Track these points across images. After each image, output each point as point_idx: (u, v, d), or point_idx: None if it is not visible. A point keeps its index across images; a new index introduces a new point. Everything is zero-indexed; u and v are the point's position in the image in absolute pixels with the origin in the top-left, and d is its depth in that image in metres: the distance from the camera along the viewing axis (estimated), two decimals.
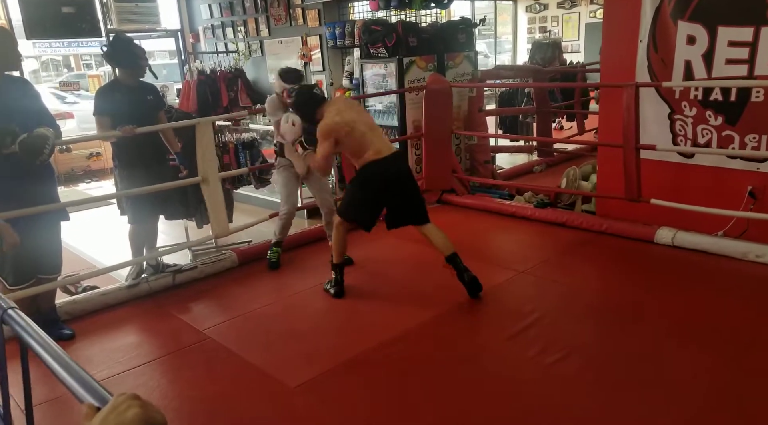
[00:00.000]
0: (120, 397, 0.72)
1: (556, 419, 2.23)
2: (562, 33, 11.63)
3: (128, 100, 3.46)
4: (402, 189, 3.25)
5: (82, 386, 0.85)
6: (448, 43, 5.51)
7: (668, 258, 3.76)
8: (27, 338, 1.08)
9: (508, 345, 2.79)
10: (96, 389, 0.83)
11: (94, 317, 3.40)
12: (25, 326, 1.12)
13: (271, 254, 3.96)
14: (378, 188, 3.22)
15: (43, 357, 1.01)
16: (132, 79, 3.56)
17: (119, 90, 3.50)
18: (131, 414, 0.69)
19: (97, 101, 3.48)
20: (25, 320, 1.14)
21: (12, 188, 2.84)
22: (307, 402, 2.46)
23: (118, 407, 0.70)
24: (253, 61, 7.25)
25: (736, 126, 3.63)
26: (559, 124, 8.97)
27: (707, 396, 2.32)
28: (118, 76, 3.61)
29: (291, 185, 3.89)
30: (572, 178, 4.89)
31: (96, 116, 3.44)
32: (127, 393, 0.72)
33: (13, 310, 1.19)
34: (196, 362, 2.90)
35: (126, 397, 0.72)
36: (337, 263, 3.45)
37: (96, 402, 0.80)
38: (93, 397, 0.82)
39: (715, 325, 2.86)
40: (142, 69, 3.55)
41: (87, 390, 0.83)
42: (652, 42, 3.90)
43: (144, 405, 0.70)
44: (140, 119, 3.42)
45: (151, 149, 3.60)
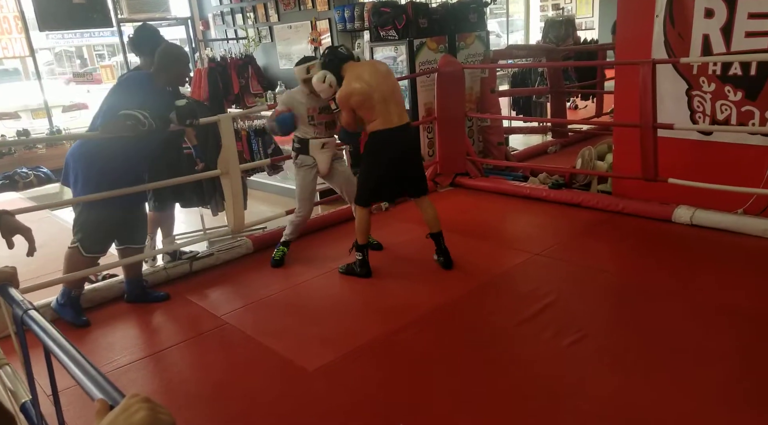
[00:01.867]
0: (131, 399, 0.73)
1: (573, 402, 2.23)
2: (575, 10, 11.38)
3: (148, 93, 3.50)
4: (404, 158, 3.32)
5: (96, 386, 0.89)
6: (459, 23, 5.44)
7: (687, 237, 3.71)
8: (46, 339, 1.12)
9: (523, 328, 2.79)
10: (109, 390, 0.86)
11: (115, 304, 3.46)
12: (44, 326, 1.17)
13: (276, 252, 3.84)
14: (386, 159, 3.27)
15: (59, 357, 1.05)
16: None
17: (146, 77, 3.51)
18: (139, 417, 0.70)
19: (124, 86, 3.48)
20: (43, 321, 1.19)
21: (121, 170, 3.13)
22: (326, 385, 2.49)
23: (128, 409, 0.71)
24: (263, 47, 7.23)
25: (756, 101, 3.54)
26: (574, 103, 8.83)
27: (726, 378, 2.30)
28: (140, 65, 3.66)
29: (311, 187, 3.71)
30: (587, 158, 4.82)
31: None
32: (138, 395, 0.74)
33: (33, 311, 1.23)
34: (215, 347, 2.94)
35: (137, 400, 0.73)
36: (362, 244, 3.45)
37: (109, 401, 0.83)
38: (107, 398, 0.85)
39: (735, 305, 2.82)
40: None
41: (101, 391, 0.87)
42: (668, 16, 3.81)
43: (153, 408, 0.71)
44: (159, 109, 3.44)
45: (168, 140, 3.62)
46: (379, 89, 3.19)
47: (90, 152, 3.12)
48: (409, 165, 3.37)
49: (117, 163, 3.09)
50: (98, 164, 3.09)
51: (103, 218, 3.18)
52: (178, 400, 2.44)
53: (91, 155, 3.11)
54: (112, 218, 3.21)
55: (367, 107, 3.20)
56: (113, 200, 3.13)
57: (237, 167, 3.70)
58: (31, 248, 2.40)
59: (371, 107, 3.19)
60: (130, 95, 3.00)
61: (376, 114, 3.20)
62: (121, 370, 2.73)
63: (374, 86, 3.18)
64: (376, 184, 3.36)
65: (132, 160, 3.16)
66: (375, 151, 3.30)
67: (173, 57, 3.13)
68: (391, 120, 3.22)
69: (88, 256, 3.19)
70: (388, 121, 3.21)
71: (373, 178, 3.35)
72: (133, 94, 3.01)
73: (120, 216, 3.23)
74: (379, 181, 3.35)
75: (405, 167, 3.36)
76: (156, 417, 0.70)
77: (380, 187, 3.39)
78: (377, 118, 3.21)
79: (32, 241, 2.39)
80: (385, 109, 3.21)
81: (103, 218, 3.18)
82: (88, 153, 3.12)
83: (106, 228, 3.23)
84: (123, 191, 3.14)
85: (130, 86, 3.11)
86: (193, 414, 2.37)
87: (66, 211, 5.70)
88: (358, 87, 3.16)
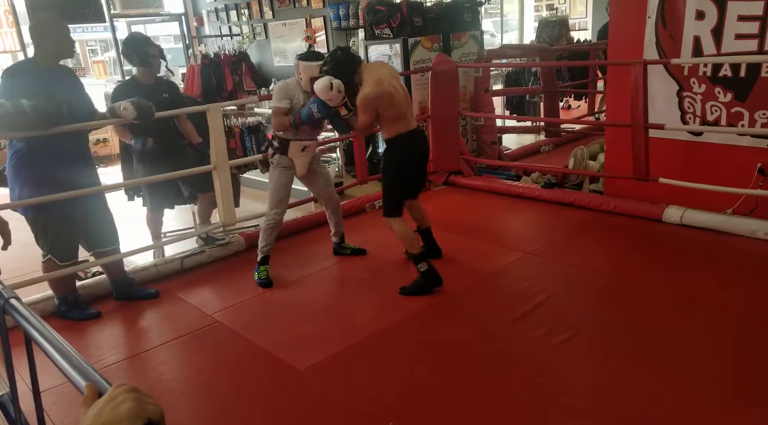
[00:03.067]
0: (117, 389, 0.71)
1: (564, 399, 2.24)
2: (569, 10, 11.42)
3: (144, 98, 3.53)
4: (423, 160, 3.31)
5: (81, 375, 0.85)
6: (453, 22, 5.44)
7: (677, 237, 3.74)
8: (28, 327, 1.09)
9: (515, 326, 2.80)
10: (95, 379, 0.82)
11: (104, 302, 3.44)
12: (27, 315, 1.13)
13: (259, 273, 3.51)
14: (414, 164, 3.24)
15: (43, 347, 1.01)
16: (148, 77, 3.71)
17: (136, 88, 3.62)
18: (125, 407, 0.68)
19: (114, 97, 3.61)
20: (26, 309, 1.15)
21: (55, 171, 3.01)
22: (318, 383, 2.49)
23: (114, 399, 0.69)
24: (257, 44, 7.21)
25: (746, 102, 3.57)
26: (567, 103, 8.87)
27: (715, 376, 2.32)
28: (135, 74, 3.75)
29: (286, 188, 3.51)
30: (580, 158, 4.84)
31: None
32: (125, 385, 0.71)
33: (14, 300, 1.19)
34: (205, 345, 2.93)
35: (123, 389, 0.71)
36: (418, 254, 3.17)
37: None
38: None
39: (724, 305, 2.85)
40: (154, 67, 3.69)
41: (85, 379, 0.83)
42: (660, 18, 3.83)
43: (139, 398, 0.69)
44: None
45: (168, 143, 3.72)
46: (398, 88, 3.11)
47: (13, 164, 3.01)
48: (424, 167, 3.37)
49: (41, 164, 2.96)
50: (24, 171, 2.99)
51: (59, 221, 3.07)
52: (168, 399, 2.43)
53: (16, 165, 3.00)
54: (69, 221, 3.10)
55: (392, 109, 3.06)
56: (62, 204, 3.00)
57: (226, 160, 3.67)
58: (6, 241, 2.39)
59: (395, 110, 3.07)
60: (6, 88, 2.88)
61: (399, 117, 3.10)
62: (109, 368, 2.72)
63: (396, 88, 3.09)
64: (403, 190, 3.26)
65: (56, 157, 3.00)
66: (401, 155, 3.18)
67: (47, 27, 2.99)
68: (410, 122, 3.16)
69: (64, 264, 3.13)
70: (409, 123, 3.15)
71: (403, 183, 3.25)
72: (8, 85, 2.88)
73: (75, 219, 3.12)
74: (406, 186, 3.28)
75: (422, 168, 3.35)
76: (143, 407, 0.69)
77: (405, 192, 3.30)
78: (400, 120, 3.11)
79: (7, 234, 2.37)
80: (406, 111, 3.14)
81: (59, 221, 3.07)
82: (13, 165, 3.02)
83: (67, 232, 3.13)
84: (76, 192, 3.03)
85: (7, 78, 2.93)
86: (182, 412, 2.36)
87: None
88: (386, 89, 3.02)
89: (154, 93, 3.62)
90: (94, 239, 3.29)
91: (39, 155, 2.97)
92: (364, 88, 3.01)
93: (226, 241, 4.06)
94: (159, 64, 3.75)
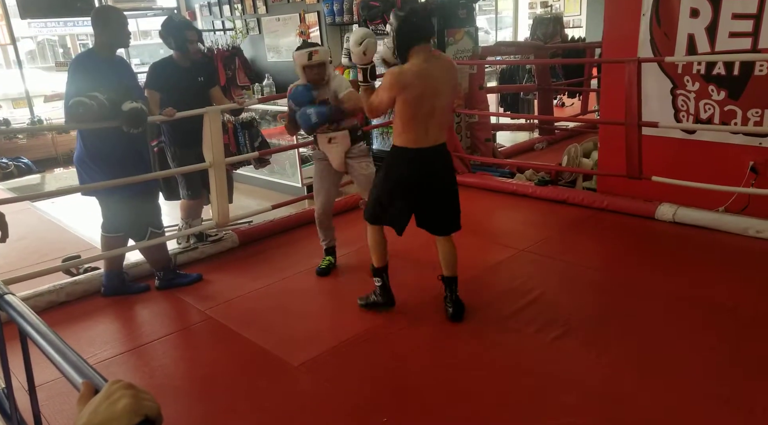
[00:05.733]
0: (114, 385, 0.70)
1: (557, 395, 2.25)
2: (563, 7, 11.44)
3: (178, 81, 3.57)
4: (427, 190, 2.72)
5: (76, 371, 0.84)
6: (448, 18, 5.43)
7: (669, 235, 3.76)
8: (24, 324, 1.08)
9: (509, 323, 2.80)
10: (91, 375, 0.81)
11: (97, 298, 3.41)
12: (23, 312, 1.12)
13: (322, 261, 3.55)
14: (411, 190, 2.71)
15: (38, 342, 1.00)
16: (185, 60, 3.65)
17: (171, 69, 3.61)
18: (122, 404, 0.67)
19: (149, 75, 3.61)
20: (23, 305, 1.14)
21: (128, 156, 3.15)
22: (311, 380, 2.48)
23: (110, 396, 0.68)
24: (251, 39, 7.16)
25: (739, 101, 3.59)
26: (560, 101, 8.89)
27: (706, 372, 2.33)
28: (173, 55, 3.68)
29: (322, 180, 3.36)
30: (573, 155, 4.86)
31: (147, 90, 3.53)
32: (121, 382, 0.70)
33: (9, 296, 1.18)
34: (199, 341, 2.92)
35: (119, 386, 0.70)
36: (378, 267, 2.93)
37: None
38: None
39: (716, 302, 2.87)
40: (191, 52, 3.63)
41: (81, 376, 0.82)
42: (655, 15, 3.84)
43: (136, 395, 0.68)
44: (190, 100, 3.52)
45: (200, 130, 3.63)
46: (431, 96, 2.54)
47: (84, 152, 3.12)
48: (432, 197, 2.73)
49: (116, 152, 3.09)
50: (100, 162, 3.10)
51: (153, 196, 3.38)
52: (161, 395, 2.41)
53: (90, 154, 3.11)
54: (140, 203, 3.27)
55: (412, 109, 2.55)
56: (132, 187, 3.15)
57: (222, 159, 3.65)
58: (3, 234, 2.36)
59: (414, 112, 2.55)
60: (77, 81, 2.97)
61: (415, 125, 2.59)
62: (102, 364, 2.70)
63: (432, 92, 2.54)
64: (383, 204, 2.79)
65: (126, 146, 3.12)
66: (393, 166, 2.73)
67: (104, 17, 3.05)
68: (420, 139, 2.61)
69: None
70: (417, 139, 2.61)
71: (384, 195, 2.77)
72: (80, 79, 2.97)
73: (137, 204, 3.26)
74: (388, 202, 2.77)
75: (426, 198, 2.73)
76: (140, 404, 0.68)
77: (387, 209, 2.78)
78: (410, 131, 2.60)
79: (5, 227, 2.34)
80: (425, 123, 2.58)
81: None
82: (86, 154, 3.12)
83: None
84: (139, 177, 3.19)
85: (76, 71, 3.02)
86: (176, 408, 2.35)
87: (46, 203, 5.61)
88: (417, 82, 2.50)
89: (190, 77, 3.65)
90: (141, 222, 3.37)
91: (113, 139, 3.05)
92: (402, 65, 2.56)
93: (219, 237, 4.04)
94: (197, 49, 3.70)
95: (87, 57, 3.14)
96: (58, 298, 3.33)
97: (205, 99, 3.71)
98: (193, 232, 3.91)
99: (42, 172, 7.43)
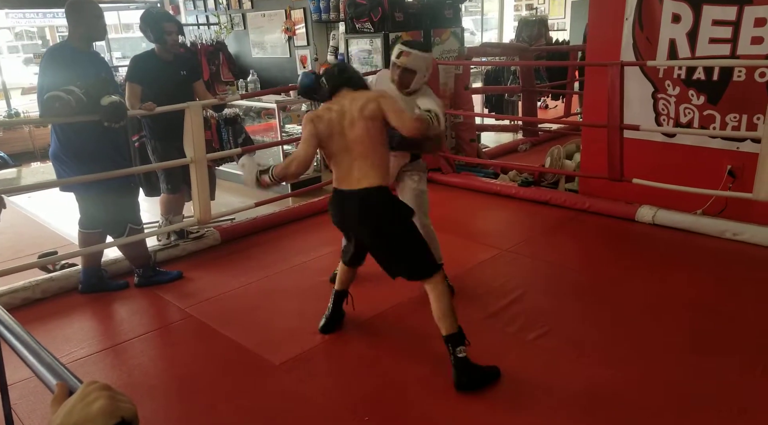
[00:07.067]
0: (89, 386, 0.68)
1: (537, 394, 2.26)
2: (548, 10, 11.55)
3: (160, 75, 3.52)
4: (358, 235, 2.48)
5: (50, 371, 0.82)
6: (434, 18, 5.44)
7: (649, 236, 3.81)
8: None
9: (490, 322, 2.82)
10: (66, 376, 0.79)
11: (73, 295, 3.35)
12: None
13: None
14: (337, 224, 2.52)
15: (9, 341, 0.97)
16: (166, 53, 3.60)
17: (153, 63, 3.56)
18: (98, 405, 0.65)
19: (130, 68, 3.55)
20: None
21: (104, 151, 3.09)
22: (292, 379, 2.47)
23: (86, 397, 0.67)
24: (235, 34, 7.09)
25: (718, 105, 3.66)
26: (544, 103, 8.96)
27: (684, 372, 2.37)
28: (155, 48, 3.62)
29: None
30: (556, 157, 4.90)
31: (128, 82, 3.48)
32: (97, 383, 0.69)
33: None
34: (179, 340, 2.88)
35: (95, 387, 0.68)
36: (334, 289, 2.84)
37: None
38: None
39: (694, 302, 2.91)
40: (169, 44, 3.56)
41: (55, 376, 0.80)
42: (637, 20, 3.89)
43: (113, 396, 0.67)
44: (172, 94, 3.47)
45: (181, 124, 3.57)
46: (339, 128, 2.30)
47: (59, 147, 3.06)
48: (366, 242, 2.44)
49: (92, 147, 3.04)
50: (76, 157, 3.04)
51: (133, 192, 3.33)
52: (139, 393, 2.38)
53: (65, 149, 3.04)
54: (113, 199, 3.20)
55: (330, 150, 2.34)
56: (110, 182, 3.10)
57: (203, 155, 3.60)
58: None
59: (328, 151, 2.36)
60: (53, 74, 2.90)
61: (333, 163, 2.37)
62: (78, 363, 2.65)
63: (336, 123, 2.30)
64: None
65: (102, 140, 3.06)
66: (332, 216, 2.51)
67: (77, 8, 2.99)
68: (343, 179, 2.34)
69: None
70: (341, 179, 2.35)
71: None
72: (54, 71, 2.90)
73: (115, 199, 3.21)
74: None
75: (360, 241, 2.51)
76: (116, 406, 0.66)
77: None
78: (334, 169, 2.38)
79: None
80: (348, 161, 2.31)
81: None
82: (60, 149, 3.06)
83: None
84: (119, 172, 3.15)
85: (50, 64, 2.94)
86: (154, 408, 2.32)
87: (22, 198, 5.49)
88: (325, 114, 2.32)
89: (172, 70, 3.59)
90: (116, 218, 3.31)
91: (89, 134, 3.00)
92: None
93: (200, 234, 3.99)
94: (176, 41, 3.62)
95: (61, 49, 3.06)
96: (34, 295, 3.26)
97: (187, 93, 3.66)
98: (173, 229, 3.87)
99: (18, 166, 7.28)
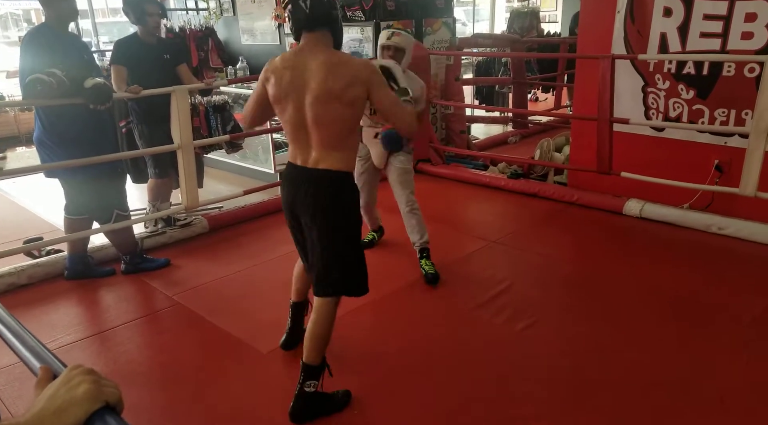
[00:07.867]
0: (73, 371, 0.67)
1: (524, 385, 2.28)
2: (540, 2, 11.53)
3: (143, 58, 3.49)
4: (298, 220, 2.09)
5: (34, 355, 0.80)
6: (426, 8, 5.41)
7: (636, 229, 3.84)
8: None
9: (478, 312, 2.83)
10: (49, 360, 0.78)
11: (59, 281, 3.31)
12: None
13: (366, 235, 3.58)
14: (288, 216, 2.15)
15: None
16: (149, 36, 3.57)
17: (137, 46, 3.53)
18: (82, 390, 0.65)
19: (114, 52, 3.52)
20: None
21: (89, 135, 3.04)
22: (280, 368, 2.46)
23: (70, 381, 0.66)
24: (225, 20, 6.99)
25: (707, 100, 3.68)
26: (535, 95, 8.97)
27: (671, 363, 2.40)
28: (138, 31, 3.59)
29: (360, 179, 3.19)
30: (546, 149, 4.92)
31: (113, 66, 3.45)
32: (81, 367, 0.68)
33: None
34: (166, 327, 2.87)
35: (79, 371, 0.67)
36: (294, 301, 2.55)
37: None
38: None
39: (679, 295, 2.95)
40: (150, 25, 3.53)
41: (39, 360, 0.78)
42: (629, 13, 3.89)
43: (97, 381, 0.66)
44: (156, 77, 3.44)
45: (167, 107, 3.52)
46: (297, 98, 1.92)
47: (43, 132, 3.01)
48: (305, 230, 2.08)
49: (76, 131, 3.00)
50: (61, 142, 3.00)
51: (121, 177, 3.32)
52: (124, 381, 2.36)
53: (48, 133, 3.00)
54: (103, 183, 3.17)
55: (278, 111, 2.01)
56: (96, 168, 3.07)
57: (190, 141, 3.56)
58: None
59: (283, 118, 2.00)
60: (34, 56, 2.86)
61: (288, 133, 2.02)
62: (63, 349, 2.62)
63: (293, 92, 1.92)
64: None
65: (86, 124, 3.02)
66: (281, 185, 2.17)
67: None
68: (302, 153, 1.99)
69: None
70: (296, 153, 2.02)
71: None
72: (35, 54, 2.87)
73: (101, 185, 3.16)
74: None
75: (299, 229, 2.13)
76: (100, 390, 0.65)
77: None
78: (289, 140, 2.05)
79: None
80: (303, 135, 1.97)
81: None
82: (44, 134, 3.01)
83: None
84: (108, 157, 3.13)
85: (30, 46, 2.89)
86: (139, 395, 2.31)
87: (7, 183, 5.41)
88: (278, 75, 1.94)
89: (156, 54, 3.56)
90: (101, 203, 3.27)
91: (73, 118, 2.97)
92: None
93: (188, 222, 3.95)
94: (158, 23, 3.59)
95: (42, 31, 2.99)
96: (19, 280, 3.22)
97: (172, 76, 3.63)
98: (161, 215, 3.83)
99: (3, 150, 7.16)
